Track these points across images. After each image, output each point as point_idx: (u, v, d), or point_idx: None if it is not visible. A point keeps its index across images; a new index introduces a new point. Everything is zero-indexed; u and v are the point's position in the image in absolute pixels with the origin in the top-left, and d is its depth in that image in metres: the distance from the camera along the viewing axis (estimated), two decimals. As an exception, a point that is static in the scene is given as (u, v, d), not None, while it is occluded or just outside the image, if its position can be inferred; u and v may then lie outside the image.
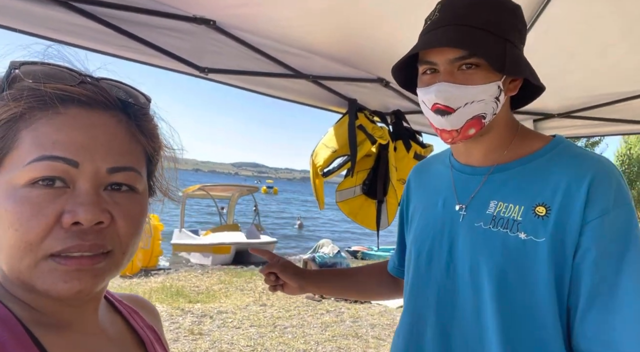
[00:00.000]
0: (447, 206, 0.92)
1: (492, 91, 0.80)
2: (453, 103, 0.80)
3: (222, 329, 5.58)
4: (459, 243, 0.87)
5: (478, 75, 0.79)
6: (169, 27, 1.60)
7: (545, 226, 0.77)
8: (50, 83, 0.44)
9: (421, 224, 0.98)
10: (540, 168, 0.82)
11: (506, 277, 0.79)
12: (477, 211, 0.85)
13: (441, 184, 0.97)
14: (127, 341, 0.55)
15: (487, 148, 0.88)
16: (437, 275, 0.89)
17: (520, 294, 0.79)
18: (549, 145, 0.85)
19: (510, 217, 0.80)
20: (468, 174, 0.91)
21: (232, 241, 11.69)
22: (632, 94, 2.02)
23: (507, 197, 0.83)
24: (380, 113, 2.10)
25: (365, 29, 1.71)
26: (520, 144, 0.88)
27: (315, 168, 1.88)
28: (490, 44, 0.78)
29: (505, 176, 0.85)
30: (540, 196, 0.79)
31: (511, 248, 0.79)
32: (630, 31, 1.55)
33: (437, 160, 1.06)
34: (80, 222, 0.43)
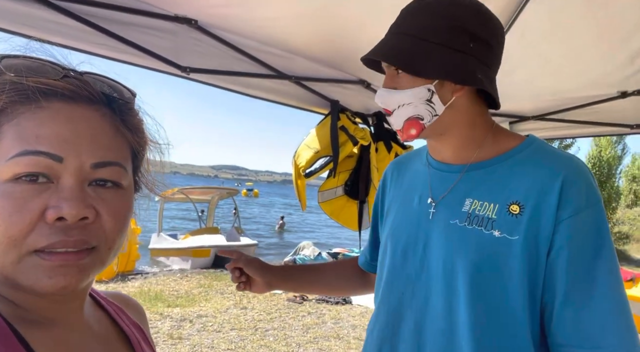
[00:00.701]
0: (422, 203, 0.93)
1: (422, 94, 0.83)
2: (388, 106, 0.87)
3: (202, 333, 5.50)
4: (433, 239, 0.88)
5: (404, 80, 0.84)
6: (149, 26, 1.58)
7: (518, 224, 0.78)
8: (32, 77, 0.43)
9: (397, 219, 0.98)
10: (515, 167, 0.84)
11: (480, 274, 0.80)
12: (453, 208, 0.86)
13: (417, 181, 0.98)
14: (113, 338, 0.55)
15: (454, 146, 0.90)
16: (412, 271, 0.90)
17: (493, 290, 0.80)
18: (522, 144, 0.87)
19: (485, 215, 0.82)
20: (444, 171, 0.92)
21: (212, 244, 11.54)
22: (603, 97, 2.10)
23: (482, 195, 0.84)
24: (362, 114, 2.13)
25: (348, 31, 1.73)
26: (494, 143, 0.89)
27: (297, 169, 1.89)
28: (413, 49, 0.82)
29: (480, 174, 0.87)
30: (515, 194, 0.80)
31: (485, 245, 0.80)
32: (601, 38, 1.62)
33: (416, 156, 1.06)
34: (65, 217, 0.42)
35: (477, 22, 0.83)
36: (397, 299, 0.92)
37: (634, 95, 1.98)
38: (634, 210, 18.09)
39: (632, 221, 17.01)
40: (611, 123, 2.38)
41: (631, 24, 1.48)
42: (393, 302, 0.93)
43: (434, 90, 0.83)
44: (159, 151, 0.54)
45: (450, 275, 0.83)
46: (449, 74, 0.82)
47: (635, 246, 16.09)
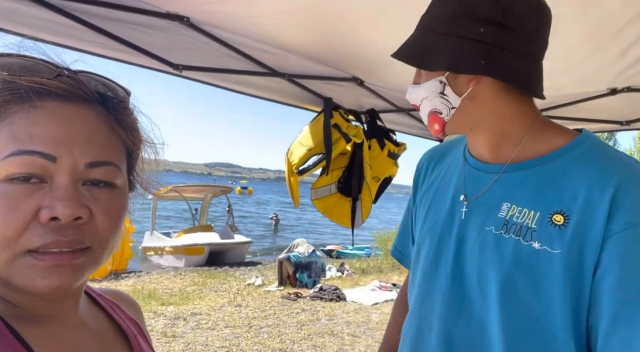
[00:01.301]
0: (455, 204, 0.86)
1: (435, 87, 0.80)
2: (415, 101, 0.85)
3: (196, 331, 5.50)
4: (467, 246, 0.81)
5: (422, 74, 0.82)
6: (141, 23, 1.57)
7: (562, 237, 0.69)
8: (26, 76, 0.43)
9: (430, 218, 0.92)
10: (560, 169, 0.74)
11: (515, 288, 0.73)
12: (488, 213, 0.79)
13: (452, 176, 0.91)
14: (110, 333, 0.55)
15: (488, 143, 0.82)
16: (443, 279, 0.84)
17: (530, 306, 0.72)
18: (572, 142, 0.76)
19: (524, 223, 0.74)
20: (479, 171, 0.85)
21: (206, 241, 11.52)
22: (593, 94, 2.12)
23: (521, 201, 0.75)
24: (355, 112, 2.13)
25: (341, 28, 1.73)
26: (537, 140, 0.79)
27: (290, 166, 1.89)
28: (418, 42, 0.81)
29: (520, 176, 0.77)
30: (559, 202, 0.72)
31: (523, 257, 0.72)
32: (591, 35, 1.63)
33: (454, 148, 0.99)
34: (59, 217, 0.42)
35: (489, 3, 0.74)
36: (429, 309, 0.86)
37: (623, 92, 2.01)
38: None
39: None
40: (602, 120, 2.41)
41: (621, 22, 1.50)
42: (425, 311, 0.87)
43: (445, 82, 0.78)
44: (154, 150, 0.53)
45: (484, 287, 0.77)
46: (450, 64, 0.76)
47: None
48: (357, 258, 12.56)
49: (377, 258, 11.87)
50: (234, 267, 10.76)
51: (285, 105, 2.15)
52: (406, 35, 0.86)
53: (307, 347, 5.08)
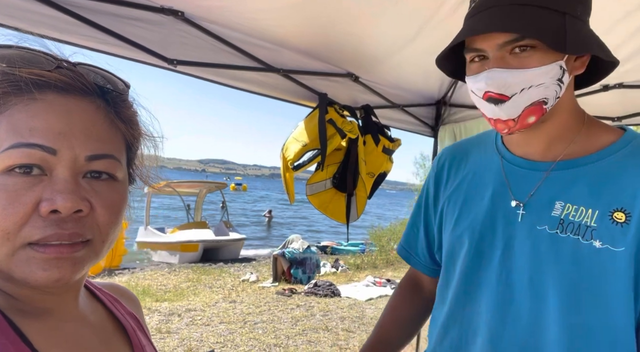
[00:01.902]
0: (499, 202, 0.81)
1: (554, 73, 0.71)
2: (507, 90, 0.72)
3: (191, 327, 5.50)
4: (515, 246, 0.77)
5: (535, 57, 0.70)
6: (135, 17, 1.56)
7: (624, 234, 0.68)
8: (25, 68, 0.43)
9: (465, 219, 0.86)
10: (615, 167, 0.73)
11: (576, 289, 0.71)
12: (539, 212, 0.76)
13: (488, 174, 0.86)
14: (109, 328, 0.55)
15: (549, 138, 0.78)
16: (488, 281, 0.80)
17: (592, 307, 0.70)
18: (621, 140, 0.76)
19: (582, 222, 0.71)
20: (525, 168, 0.81)
21: (200, 238, 11.50)
22: (586, 90, 2.14)
23: (576, 199, 0.73)
24: (350, 107, 2.14)
25: (336, 24, 1.73)
26: (587, 137, 0.78)
27: (285, 162, 1.89)
28: (545, 20, 0.69)
29: (571, 174, 0.75)
30: (618, 199, 0.70)
31: (584, 257, 0.70)
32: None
33: (479, 145, 0.94)
34: (59, 210, 0.42)
35: None
36: (472, 309, 0.82)
37: (615, 88, 2.03)
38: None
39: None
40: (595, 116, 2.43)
41: (613, 19, 1.51)
42: (468, 312, 0.83)
43: (565, 67, 0.72)
44: (153, 144, 0.54)
45: (538, 288, 0.74)
46: (601, 46, 0.71)
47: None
48: (351, 254, 12.61)
49: (371, 254, 11.92)
50: (229, 263, 10.77)
51: (280, 101, 2.15)
52: (401, 31, 0.83)
53: (302, 343, 5.10)
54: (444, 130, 2.81)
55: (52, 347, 0.45)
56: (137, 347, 0.56)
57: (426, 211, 1.02)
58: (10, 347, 0.41)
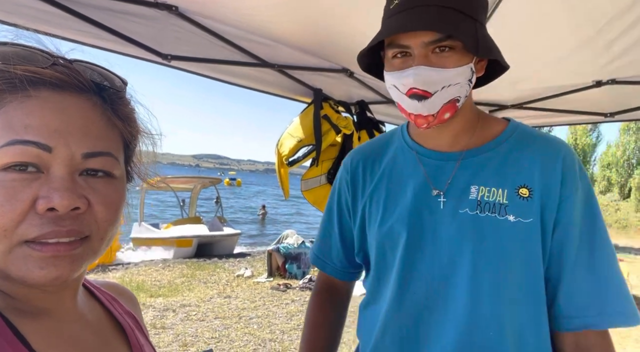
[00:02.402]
0: (421, 193, 0.87)
1: (467, 73, 0.79)
2: (431, 87, 0.77)
3: (186, 322, 5.50)
4: (442, 231, 0.83)
5: (453, 58, 0.76)
6: (129, 12, 1.55)
7: (530, 207, 0.79)
8: (20, 65, 0.42)
9: (390, 216, 0.90)
10: (511, 151, 0.84)
11: (502, 261, 0.79)
12: (459, 197, 0.83)
13: (406, 170, 0.92)
14: (107, 327, 0.55)
15: (456, 132, 0.87)
16: (425, 268, 0.84)
17: (517, 276, 0.79)
18: (509, 128, 0.87)
19: (495, 201, 0.80)
20: (439, 160, 0.88)
21: (194, 233, 11.47)
22: (579, 86, 2.16)
23: (487, 182, 0.82)
24: (345, 103, 2.14)
25: (332, 20, 1.72)
26: (483, 128, 0.88)
27: (280, 157, 1.89)
28: (464, 24, 0.76)
29: (478, 161, 0.85)
30: (520, 177, 0.81)
31: (503, 231, 0.79)
32: (578, 28, 1.66)
33: (387, 144, 0.99)
34: (56, 208, 0.42)
35: None
36: (412, 299, 0.85)
37: (608, 84, 2.05)
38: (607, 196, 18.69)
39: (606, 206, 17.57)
40: (587, 112, 2.45)
41: (607, 16, 1.52)
42: (408, 302, 0.86)
43: (473, 69, 0.80)
44: (152, 141, 0.53)
45: (471, 266, 0.80)
46: (490, 49, 0.79)
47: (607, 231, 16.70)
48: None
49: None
50: (223, 259, 10.75)
51: (275, 96, 2.14)
52: None
53: (297, 337, 5.12)
54: (438, 125, 2.81)
55: (50, 347, 0.45)
56: (135, 346, 0.56)
57: (340, 215, 1.03)
58: (7, 347, 0.41)
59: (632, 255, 12.16)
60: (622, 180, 21.73)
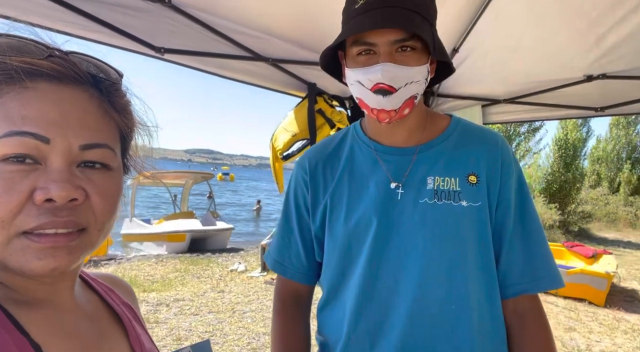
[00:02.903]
0: (382, 187, 0.92)
1: (425, 72, 0.85)
2: (396, 83, 0.82)
3: (180, 317, 5.50)
4: (405, 221, 0.89)
5: (414, 57, 0.82)
6: (122, 4, 1.53)
7: (478, 192, 0.88)
8: (16, 56, 0.42)
9: (355, 212, 0.93)
10: (458, 143, 0.93)
11: (461, 244, 0.86)
12: (417, 188, 0.90)
13: (365, 166, 0.96)
14: (104, 317, 0.55)
15: (410, 128, 0.94)
16: (393, 257, 0.88)
17: (476, 256, 0.87)
18: (452, 122, 0.97)
19: (450, 189, 0.89)
20: (396, 155, 0.94)
21: (187, 228, 11.44)
22: (570, 80, 2.18)
23: (441, 172, 0.90)
24: (339, 97, 2.14)
25: (325, 13, 1.72)
26: (431, 124, 0.96)
27: (275, 152, 1.89)
28: (425, 27, 0.81)
29: (432, 154, 0.92)
30: (468, 166, 0.90)
31: (459, 216, 0.87)
32: (570, 23, 1.67)
33: (341, 144, 1.02)
34: (53, 199, 0.42)
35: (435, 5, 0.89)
36: (384, 287, 0.89)
37: (599, 78, 2.07)
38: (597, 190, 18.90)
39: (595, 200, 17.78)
40: (577, 106, 2.47)
41: (599, 10, 1.54)
42: (380, 292, 0.89)
43: (429, 69, 0.87)
44: (148, 133, 0.53)
45: (433, 252, 0.86)
46: (439, 51, 0.86)
47: (597, 225, 16.88)
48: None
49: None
50: (216, 253, 10.74)
51: (269, 90, 2.13)
52: None
53: (291, 331, 5.14)
54: (431, 120, 2.82)
55: (49, 336, 0.45)
56: (133, 336, 0.57)
57: (300, 217, 1.03)
58: (7, 337, 0.41)
59: (620, 248, 12.33)
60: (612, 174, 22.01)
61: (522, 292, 0.89)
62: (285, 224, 1.07)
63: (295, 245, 1.05)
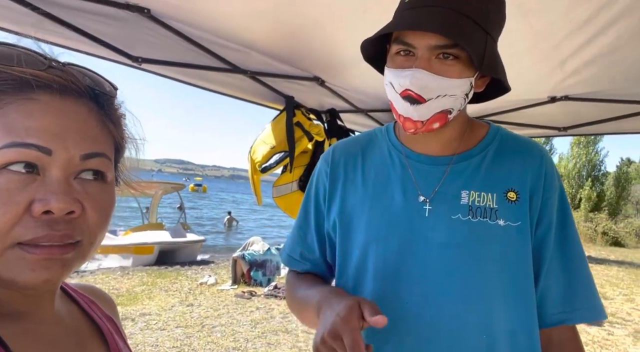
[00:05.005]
0: (409, 198, 0.84)
1: (465, 87, 0.76)
2: (426, 93, 0.74)
3: (146, 332, 5.32)
4: (434, 238, 0.81)
5: (455, 68, 0.74)
6: (99, 12, 1.51)
7: (518, 210, 0.80)
8: (19, 67, 0.42)
9: (376, 219, 0.86)
10: (497, 154, 0.85)
11: (496, 265, 0.79)
12: (450, 202, 0.82)
13: (392, 172, 0.88)
14: (85, 330, 0.55)
15: (446, 140, 0.86)
16: (415, 274, 0.81)
17: (511, 279, 0.79)
18: (491, 131, 0.88)
19: (486, 205, 0.80)
20: (428, 164, 0.86)
21: (156, 240, 11.13)
22: (535, 101, 2.29)
23: (477, 186, 0.82)
24: (316, 111, 2.17)
25: (305, 30, 1.76)
26: (471, 133, 0.88)
27: (253, 164, 1.90)
28: (476, 36, 0.73)
29: (467, 165, 0.84)
30: (508, 181, 0.82)
31: (495, 236, 0.79)
32: (534, 46, 1.76)
33: (370, 143, 0.95)
34: (52, 211, 0.42)
35: (504, 15, 0.81)
36: (400, 307, 0.81)
37: (562, 100, 2.18)
38: (559, 205, 19.67)
39: (557, 215, 18.47)
40: (542, 125, 2.60)
41: (561, 35, 1.63)
42: (396, 311, 0.81)
43: (473, 84, 0.78)
44: (135, 146, 0.54)
45: (464, 272, 0.79)
46: (494, 67, 0.77)
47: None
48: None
49: (331, 256, 11.96)
50: (186, 266, 10.49)
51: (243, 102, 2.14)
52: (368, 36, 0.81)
53: (261, 345, 5.06)
54: (404, 135, 2.90)
55: (28, 349, 0.44)
56: (114, 349, 0.56)
57: (318, 213, 0.97)
58: None
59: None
60: (573, 191, 22.99)
61: (561, 322, 0.82)
62: (303, 218, 1.00)
63: (311, 240, 0.98)
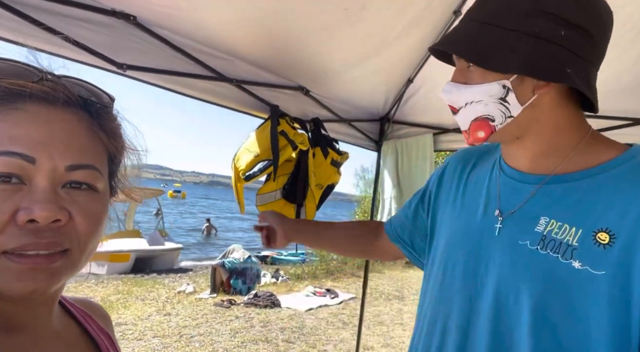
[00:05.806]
0: (488, 214, 0.80)
1: (495, 91, 0.71)
2: (456, 103, 0.77)
3: (121, 342, 5.18)
4: (495, 260, 0.75)
5: (475, 74, 0.73)
6: (84, 19, 1.50)
7: (607, 257, 0.63)
8: (7, 78, 0.43)
9: (455, 229, 0.86)
10: (607, 184, 0.68)
11: (549, 311, 0.66)
12: (524, 226, 0.73)
13: (485, 186, 0.85)
14: (82, 345, 0.54)
15: (533, 153, 0.76)
16: (467, 294, 0.78)
17: (565, 332, 0.65)
18: (622, 156, 0.69)
19: (563, 240, 0.67)
20: (516, 181, 0.79)
21: (132, 248, 10.89)
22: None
23: (562, 216, 0.69)
24: (301, 120, 2.18)
25: (290, 39, 1.78)
26: (584, 153, 0.73)
27: (237, 172, 1.89)
28: (481, 38, 0.71)
29: (562, 189, 0.71)
30: (604, 219, 0.65)
31: (560, 277, 0.66)
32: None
33: (485, 154, 0.93)
34: (36, 219, 0.42)
35: (574, 5, 0.68)
36: (441, 321, 0.81)
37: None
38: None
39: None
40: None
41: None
42: (437, 324, 0.82)
43: (510, 87, 0.70)
44: (137, 157, 0.54)
45: (513, 305, 0.70)
46: (527, 67, 0.68)
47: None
48: (291, 264, 12.57)
49: (311, 264, 11.97)
50: (163, 274, 10.29)
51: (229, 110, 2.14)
52: (354, 52, 0.85)
53: (241, 355, 5.00)
54: (387, 145, 2.95)
55: None
56: None
57: (422, 200, 1.06)
58: None
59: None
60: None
61: None
62: (412, 199, 1.10)
63: (407, 212, 1.10)
